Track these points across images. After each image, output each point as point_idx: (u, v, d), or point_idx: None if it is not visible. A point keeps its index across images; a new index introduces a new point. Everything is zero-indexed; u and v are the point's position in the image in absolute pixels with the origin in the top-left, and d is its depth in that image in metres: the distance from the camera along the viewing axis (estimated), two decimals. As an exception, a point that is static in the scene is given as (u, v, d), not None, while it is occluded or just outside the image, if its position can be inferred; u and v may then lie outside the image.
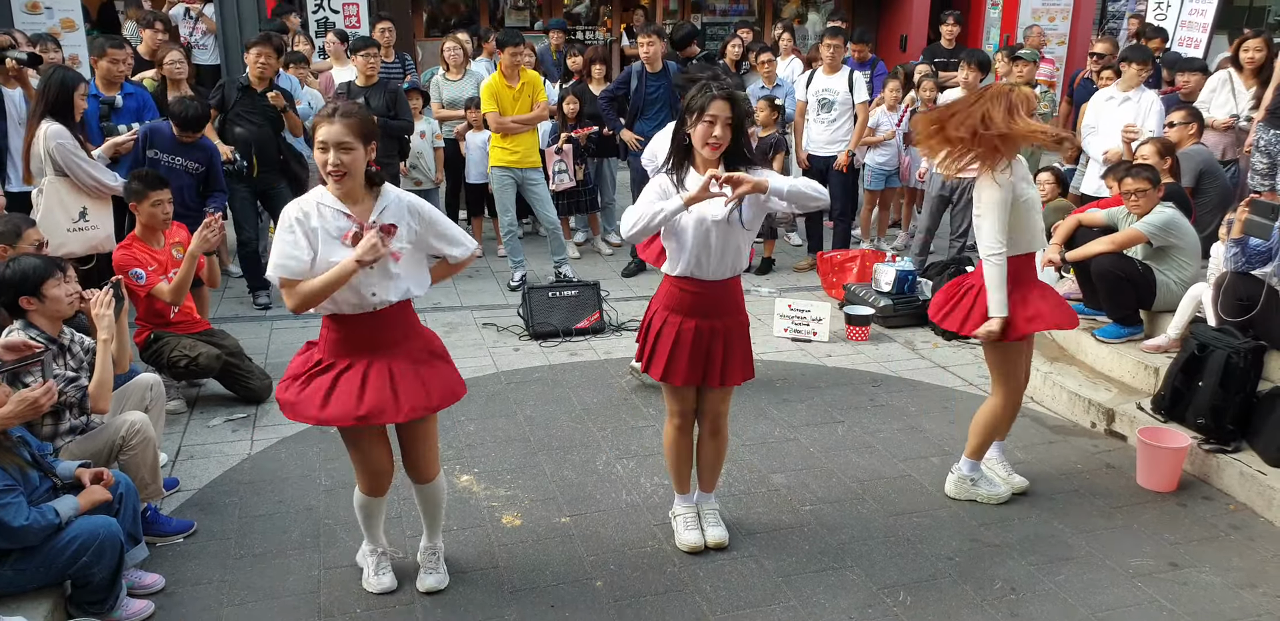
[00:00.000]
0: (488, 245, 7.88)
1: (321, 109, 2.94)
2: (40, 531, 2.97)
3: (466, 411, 4.85)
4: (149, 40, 7.05)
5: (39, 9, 8.64)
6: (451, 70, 7.71)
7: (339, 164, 2.85)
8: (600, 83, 7.63)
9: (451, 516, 3.87)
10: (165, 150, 5.53)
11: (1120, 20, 12.90)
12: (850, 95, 7.07)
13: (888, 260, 6.51)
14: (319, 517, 3.86)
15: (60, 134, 4.87)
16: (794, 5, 13.88)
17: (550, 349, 5.77)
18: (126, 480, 3.34)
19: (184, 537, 3.69)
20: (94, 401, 3.48)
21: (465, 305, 6.56)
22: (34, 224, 4.12)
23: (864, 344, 5.91)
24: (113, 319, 3.52)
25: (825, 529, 3.80)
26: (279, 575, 3.48)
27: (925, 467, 4.30)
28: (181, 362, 4.64)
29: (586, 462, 4.32)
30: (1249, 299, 4.27)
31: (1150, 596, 3.40)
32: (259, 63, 6.04)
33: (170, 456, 4.33)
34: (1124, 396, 4.74)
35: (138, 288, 4.56)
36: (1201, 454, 4.20)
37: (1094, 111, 6.53)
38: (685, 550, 3.61)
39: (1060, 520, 3.89)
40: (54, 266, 3.48)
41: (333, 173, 2.87)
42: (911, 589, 3.43)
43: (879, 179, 7.73)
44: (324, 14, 9.86)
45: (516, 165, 6.60)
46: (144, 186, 4.67)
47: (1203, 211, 5.60)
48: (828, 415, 4.86)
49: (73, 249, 4.93)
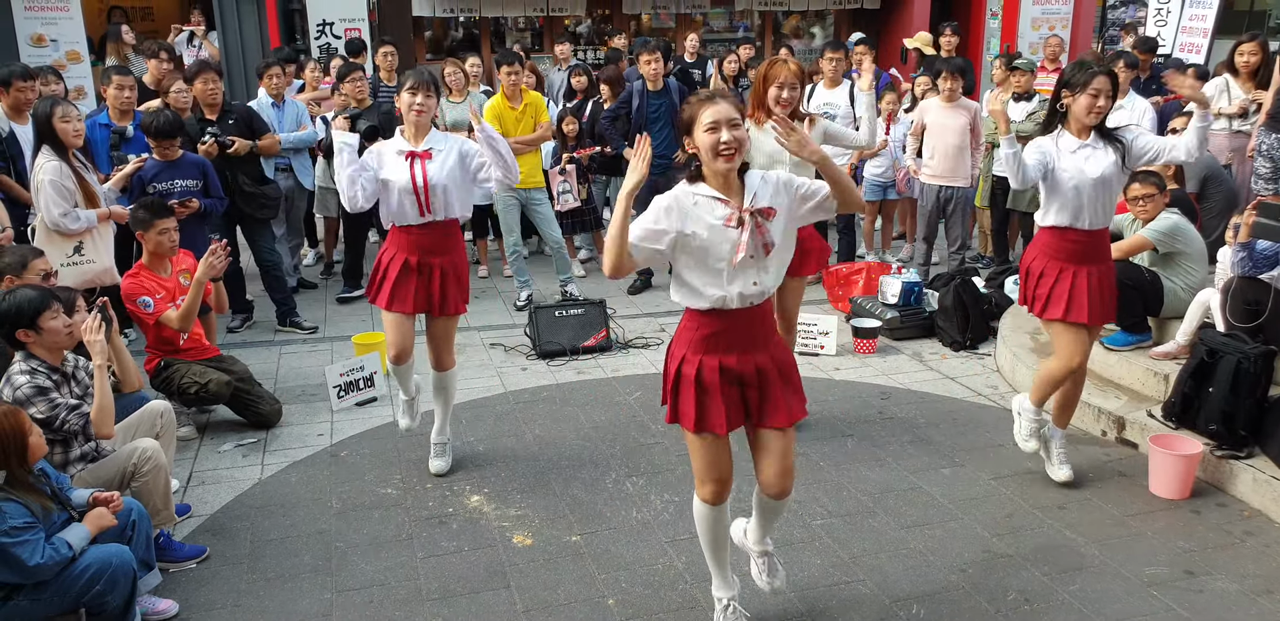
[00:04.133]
0: (493, 266, 7.92)
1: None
2: (54, 568, 2.98)
3: (475, 432, 4.87)
4: (154, 70, 7.14)
5: (44, 42, 8.77)
6: (453, 94, 7.77)
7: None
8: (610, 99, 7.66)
9: (462, 536, 3.87)
10: (160, 179, 5.55)
11: (1119, 28, 12.93)
12: (851, 109, 7.09)
13: (893, 272, 6.51)
14: (330, 541, 3.87)
15: (53, 171, 4.81)
16: (794, 21, 13.96)
17: (558, 368, 5.78)
18: (139, 507, 3.36)
19: (196, 563, 3.70)
20: (97, 427, 3.50)
21: (472, 326, 6.58)
22: (41, 254, 4.14)
23: (871, 356, 5.91)
24: (105, 343, 3.53)
25: (836, 543, 3.79)
26: (291, 599, 3.48)
27: (936, 479, 4.29)
28: (192, 389, 4.66)
29: (596, 481, 4.32)
30: (1257, 303, 4.26)
31: (1166, 605, 3.37)
32: (208, 90, 6.08)
33: (182, 482, 4.35)
34: (1134, 404, 4.73)
35: (146, 315, 4.59)
36: (1214, 460, 4.18)
37: None
38: None
39: (1073, 529, 3.87)
40: (50, 298, 3.49)
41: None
42: (924, 601, 3.41)
43: (876, 190, 7.75)
44: (326, 40, 9.97)
45: (520, 186, 6.63)
46: (150, 215, 4.71)
47: (1208, 217, 5.60)
48: (836, 429, 4.85)
49: (67, 283, 4.93)
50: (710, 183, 2.84)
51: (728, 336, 2.89)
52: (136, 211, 4.77)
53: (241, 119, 6.23)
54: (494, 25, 12.77)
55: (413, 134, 4.09)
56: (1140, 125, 6.21)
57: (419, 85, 4.00)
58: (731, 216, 2.78)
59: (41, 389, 3.42)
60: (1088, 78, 3.81)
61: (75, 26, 9.21)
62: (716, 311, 2.86)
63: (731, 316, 2.86)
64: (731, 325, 2.88)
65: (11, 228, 5.08)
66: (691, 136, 2.80)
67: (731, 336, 2.89)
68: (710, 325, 2.88)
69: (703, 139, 2.76)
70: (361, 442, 4.77)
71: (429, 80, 4.04)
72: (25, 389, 3.40)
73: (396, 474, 4.43)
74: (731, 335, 2.89)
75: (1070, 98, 3.89)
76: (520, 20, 12.96)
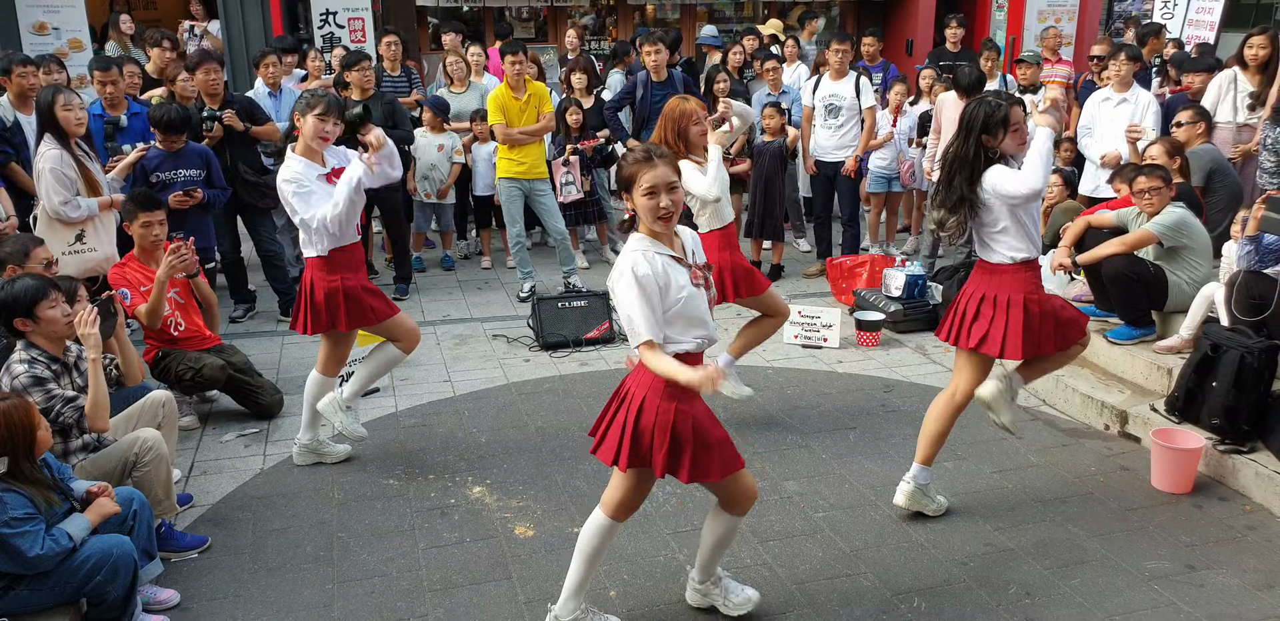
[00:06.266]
0: (496, 257, 7.90)
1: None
2: (54, 558, 2.98)
3: (478, 423, 4.86)
4: (157, 59, 7.12)
5: (46, 30, 8.75)
6: (455, 83, 7.75)
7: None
8: (583, 94, 7.63)
9: (464, 527, 3.88)
10: (163, 168, 5.57)
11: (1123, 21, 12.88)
12: (857, 100, 7.07)
13: (897, 265, 6.49)
14: (332, 531, 3.87)
15: (55, 159, 4.80)
16: (799, 13, 13.89)
17: (560, 359, 5.78)
18: (140, 496, 3.35)
19: (198, 553, 3.71)
20: (91, 421, 3.48)
21: (475, 317, 6.57)
22: (42, 243, 4.14)
23: (875, 349, 5.90)
24: (99, 337, 3.50)
25: (838, 535, 3.79)
26: (293, 589, 3.49)
27: (938, 472, 4.27)
28: (187, 375, 4.66)
29: (599, 473, 4.32)
30: (1262, 298, 4.24)
31: (1167, 599, 3.37)
32: (210, 80, 6.06)
33: (184, 472, 4.35)
34: (1137, 398, 4.72)
35: (127, 307, 4.57)
36: (1216, 455, 4.17)
37: (1089, 112, 6.52)
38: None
39: (1074, 523, 3.87)
40: (49, 287, 3.48)
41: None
42: (926, 594, 3.41)
43: (880, 182, 7.73)
44: (330, 29, 9.94)
45: (524, 176, 6.62)
46: (135, 207, 4.69)
47: (1213, 211, 5.57)
48: (839, 421, 4.84)
49: (69, 271, 4.93)
50: (653, 237, 2.90)
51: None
52: (125, 203, 4.76)
53: (243, 110, 6.22)
54: (498, 16, 12.72)
55: (320, 156, 4.08)
56: (1145, 120, 6.18)
57: (334, 112, 3.96)
58: (696, 274, 2.93)
59: (39, 379, 3.42)
60: (1003, 116, 3.50)
61: (77, 14, 9.18)
62: (690, 355, 2.92)
63: (695, 359, 2.94)
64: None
65: (16, 216, 5.07)
66: (631, 196, 2.87)
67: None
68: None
69: (641, 202, 2.84)
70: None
71: (337, 106, 3.99)
72: (23, 378, 3.40)
73: (398, 464, 4.43)
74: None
75: (993, 141, 3.55)
76: (524, 10, 12.90)
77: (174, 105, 5.61)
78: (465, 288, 7.23)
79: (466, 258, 8.10)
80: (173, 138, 5.55)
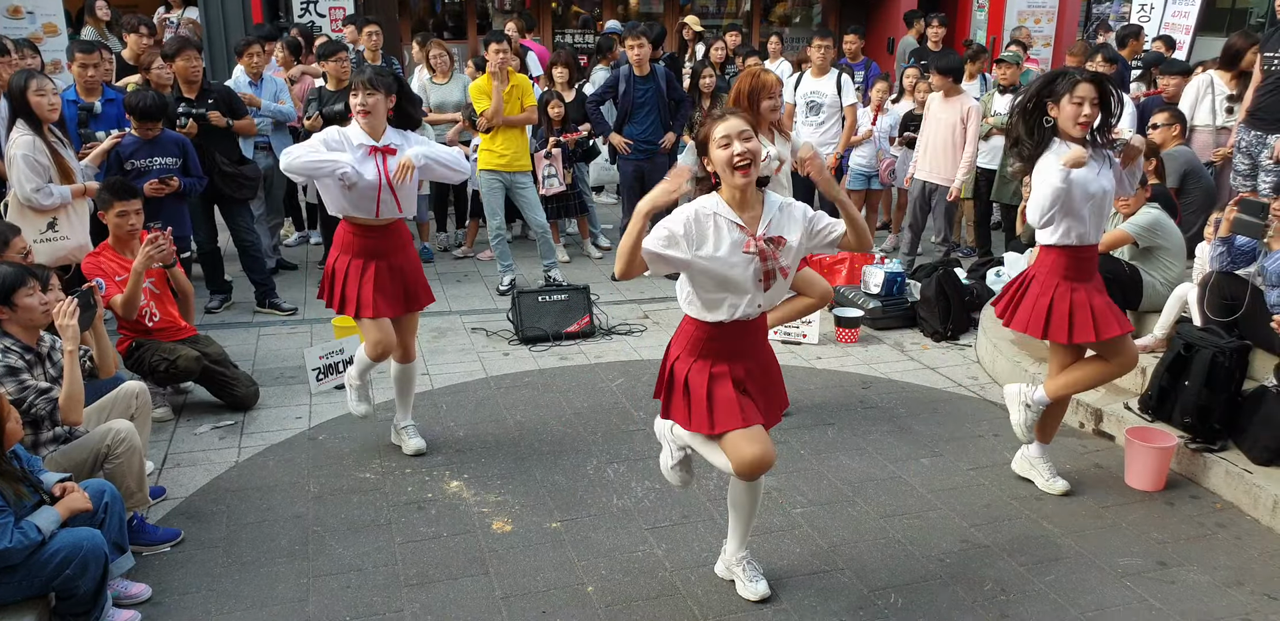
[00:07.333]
0: (477, 249, 7.86)
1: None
2: (22, 552, 2.93)
3: (456, 417, 4.84)
4: (134, 45, 7.01)
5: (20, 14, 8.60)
6: (438, 74, 7.69)
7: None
8: (564, 87, 7.62)
9: (441, 522, 3.86)
10: (138, 156, 5.50)
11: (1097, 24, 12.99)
12: (839, 98, 7.08)
13: (876, 262, 6.52)
14: (307, 525, 3.84)
15: (26, 146, 4.74)
16: (782, 8, 13.92)
17: (540, 353, 5.76)
18: (112, 489, 3.30)
19: (171, 546, 3.66)
20: (64, 413, 3.43)
21: (454, 310, 6.54)
22: (19, 232, 4.07)
23: (853, 346, 5.92)
24: (77, 329, 3.46)
25: (816, 531, 3.80)
26: (267, 583, 3.46)
27: (915, 469, 4.31)
28: (161, 366, 4.61)
29: (577, 467, 4.31)
30: (1234, 298, 4.29)
31: (1139, 595, 3.41)
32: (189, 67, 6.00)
33: (157, 464, 4.30)
34: (1111, 396, 4.76)
35: (102, 297, 4.51)
36: (1188, 453, 4.22)
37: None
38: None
39: (1049, 520, 3.90)
40: (27, 275, 3.43)
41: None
42: (903, 590, 3.43)
43: (859, 179, 7.76)
44: (310, 18, 9.84)
45: (505, 168, 6.58)
46: (111, 196, 4.62)
47: (1187, 212, 5.63)
48: (817, 417, 4.86)
49: (40, 260, 4.85)
50: (730, 201, 2.93)
51: (726, 343, 3.04)
52: (101, 192, 4.70)
53: (221, 99, 6.15)
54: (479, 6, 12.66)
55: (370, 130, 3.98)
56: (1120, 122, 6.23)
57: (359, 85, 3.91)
58: (749, 244, 2.91)
59: (12, 369, 3.36)
60: (1069, 85, 3.56)
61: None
62: (721, 323, 3.01)
63: (731, 327, 3.02)
64: (730, 333, 3.04)
65: None
66: (708, 155, 2.89)
67: (730, 344, 3.05)
68: (711, 332, 3.04)
69: (717, 155, 2.85)
70: (340, 426, 4.73)
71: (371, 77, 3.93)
72: (-4, 367, 3.34)
73: (375, 458, 4.40)
74: (729, 342, 3.05)
75: (1054, 109, 3.63)
76: (507, 1, 12.85)
77: (150, 92, 5.54)
78: (444, 280, 7.19)
79: (446, 249, 8.05)
80: (148, 125, 5.49)
